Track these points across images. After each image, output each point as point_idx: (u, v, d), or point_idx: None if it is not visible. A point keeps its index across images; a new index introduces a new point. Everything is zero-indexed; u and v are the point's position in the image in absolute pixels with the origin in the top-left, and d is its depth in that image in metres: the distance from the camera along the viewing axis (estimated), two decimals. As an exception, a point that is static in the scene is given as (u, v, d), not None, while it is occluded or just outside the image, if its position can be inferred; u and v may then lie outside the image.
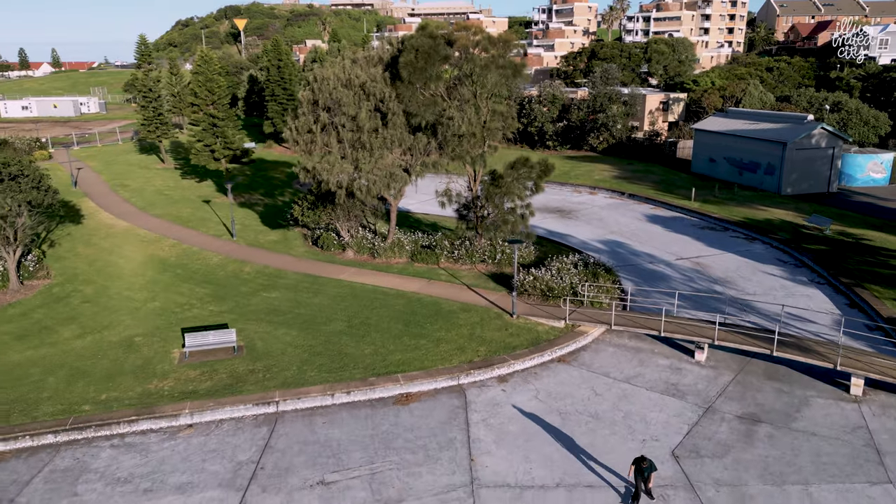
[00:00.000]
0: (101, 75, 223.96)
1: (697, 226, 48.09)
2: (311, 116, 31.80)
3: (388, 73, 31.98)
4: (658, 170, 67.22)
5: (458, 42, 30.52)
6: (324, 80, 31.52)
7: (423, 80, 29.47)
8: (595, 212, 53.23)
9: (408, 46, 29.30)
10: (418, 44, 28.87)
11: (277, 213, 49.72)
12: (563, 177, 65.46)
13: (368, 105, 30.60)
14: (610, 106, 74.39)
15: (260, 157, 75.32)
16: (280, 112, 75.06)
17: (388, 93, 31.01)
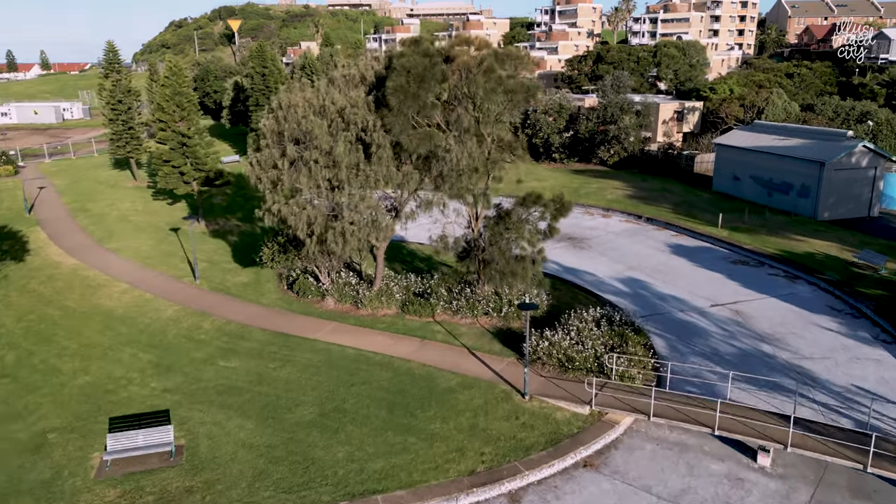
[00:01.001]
0: (91, 78, 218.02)
1: (728, 259, 42.43)
2: (275, 149, 26.14)
3: (374, 95, 26.35)
4: (675, 187, 61.55)
5: (458, 60, 24.93)
6: (290, 108, 25.86)
7: (416, 107, 23.85)
8: (610, 240, 47.57)
9: (397, 67, 23.67)
10: (410, 63, 23.27)
11: (254, 243, 43.99)
12: (573, 195, 59.78)
13: (348, 136, 24.94)
14: (622, 117, 68.72)
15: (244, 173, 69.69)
16: (265, 123, 69.26)
17: (373, 121, 25.38)
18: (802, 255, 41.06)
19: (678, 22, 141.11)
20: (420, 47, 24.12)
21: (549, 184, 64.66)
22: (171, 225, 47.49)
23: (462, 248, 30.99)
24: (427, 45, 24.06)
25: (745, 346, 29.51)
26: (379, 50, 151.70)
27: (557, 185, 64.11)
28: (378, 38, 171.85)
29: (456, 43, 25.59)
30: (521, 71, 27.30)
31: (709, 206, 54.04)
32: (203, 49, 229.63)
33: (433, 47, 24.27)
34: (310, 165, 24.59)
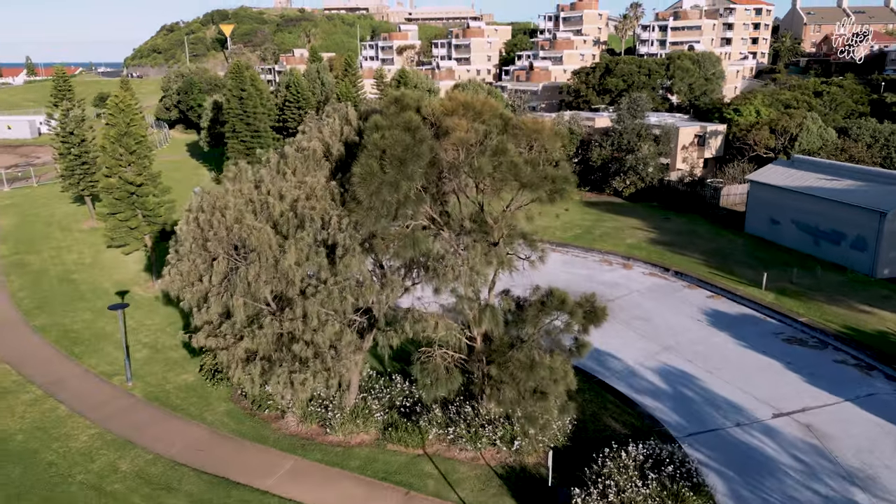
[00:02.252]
0: (79, 85, 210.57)
1: (780, 334, 35.43)
2: (199, 259, 19.09)
3: (342, 176, 19.31)
4: (702, 227, 54.53)
5: (455, 135, 17.90)
6: (216, 211, 18.79)
7: (395, 200, 16.82)
8: (636, 302, 40.55)
9: (368, 145, 16.64)
10: (386, 142, 16.29)
11: (215, 310, 36.98)
12: (587, 236, 52.84)
13: (303, 237, 17.92)
14: (639, 144, 61.71)
15: (218, 205, 62.58)
16: (243, 152, 62.33)
17: (337, 216, 18.39)
18: (873, 335, 34.04)
19: (689, 30, 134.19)
20: (400, 117, 17.08)
21: (557, 220, 57.69)
22: (121, 286, 40.45)
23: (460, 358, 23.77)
24: (410, 116, 16.97)
25: (831, 492, 22.49)
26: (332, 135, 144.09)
27: (567, 222, 57.17)
28: (374, 46, 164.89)
29: (450, 108, 18.55)
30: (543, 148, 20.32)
31: (745, 255, 47.03)
32: (195, 54, 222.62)
33: (417, 117, 17.16)
34: (248, 281, 17.58)
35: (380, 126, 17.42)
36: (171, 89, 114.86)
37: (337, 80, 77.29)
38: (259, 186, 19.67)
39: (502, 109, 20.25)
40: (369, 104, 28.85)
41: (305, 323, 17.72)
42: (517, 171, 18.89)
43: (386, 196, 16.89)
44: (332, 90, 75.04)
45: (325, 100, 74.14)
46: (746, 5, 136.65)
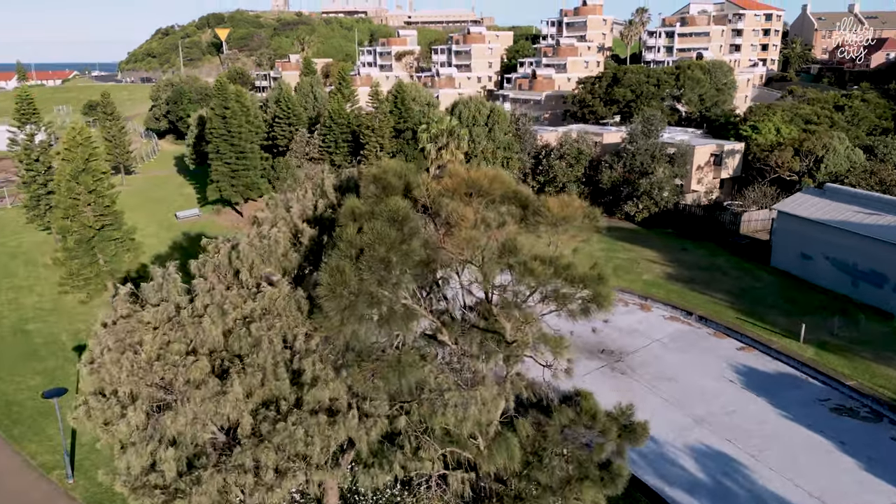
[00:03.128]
0: (71, 90, 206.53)
1: (826, 401, 31.14)
2: (114, 400, 14.53)
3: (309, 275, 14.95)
4: (724, 259, 50.17)
5: (460, 234, 13.41)
6: (127, 350, 14.12)
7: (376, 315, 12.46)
8: (657, 355, 36.26)
9: (341, 243, 12.21)
10: (364, 240, 11.92)
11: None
12: (599, 272, 48.46)
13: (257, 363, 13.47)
14: (654, 167, 57.36)
15: (201, 231, 58.34)
16: (228, 175, 58.02)
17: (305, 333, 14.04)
18: (935, 406, 29.73)
19: (697, 36, 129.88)
20: (384, 204, 12.64)
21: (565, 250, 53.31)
22: (81, 338, 36.11)
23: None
24: (396, 203, 12.49)
25: None
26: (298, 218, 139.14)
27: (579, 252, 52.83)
28: (373, 51, 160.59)
29: (449, 186, 14.05)
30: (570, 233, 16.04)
31: (775, 296, 42.68)
32: (190, 59, 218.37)
33: (405, 205, 12.65)
34: (176, 430, 13.18)
35: (357, 213, 13.08)
36: (160, 98, 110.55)
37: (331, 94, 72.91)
38: (194, 300, 15.31)
39: (515, 186, 15.88)
40: (365, 113, 24.57)
41: (258, 476, 13.41)
42: (536, 274, 14.57)
43: (364, 308, 12.57)
44: (326, 105, 70.69)
45: (318, 115, 69.79)
46: (756, 11, 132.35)
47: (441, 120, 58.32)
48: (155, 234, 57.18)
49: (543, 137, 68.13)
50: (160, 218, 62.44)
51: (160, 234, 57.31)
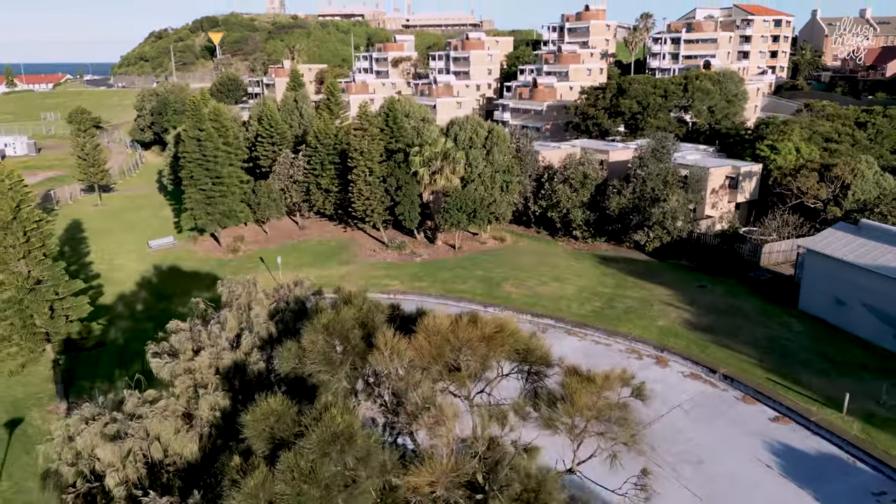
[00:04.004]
0: (60, 95, 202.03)
1: (883, 496, 26.48)
2: None
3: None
4: (746, 300, 45.49)
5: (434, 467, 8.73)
6: None
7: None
8: (678, 428, 31.62)
9: (245, 492, 7.53)
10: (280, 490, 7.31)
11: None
12: (608, 312, 43.82)
13: None
14: (666, 194, 52.70)
15: (174, 264, 53.71)
16: (203, 202, 53.33)
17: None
18: None
19: (704, 43, 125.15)
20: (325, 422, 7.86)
21: (571, 286, 48.78)
22: (15, 408, 31.44)
23: None
24: (342, 420, 7.86)
25: None
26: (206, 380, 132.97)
27: (583, 288, 48.23)
28: (368, 57, 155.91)
29: (425, 350, 9.48)
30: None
31: (808, 350, 38.01)
32: (183, 63, 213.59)
33: (352, 424, 8.16)
34: None
35: (274, 431, 8.31)
36: (144, 109, 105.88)
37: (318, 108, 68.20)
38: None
39: (526, 340, 11.22)
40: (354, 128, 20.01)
41: None
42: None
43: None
44: (312, 122, 66.03)
45: (304, 133, 65.10)
46: (765, 17, 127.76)
47: (435, 142, 53.69)
48: (122, 267, 52.50)
49: (546, 158, 63.47)
50: (132, 246, 57.79)
51: (129, 266, 52.63)
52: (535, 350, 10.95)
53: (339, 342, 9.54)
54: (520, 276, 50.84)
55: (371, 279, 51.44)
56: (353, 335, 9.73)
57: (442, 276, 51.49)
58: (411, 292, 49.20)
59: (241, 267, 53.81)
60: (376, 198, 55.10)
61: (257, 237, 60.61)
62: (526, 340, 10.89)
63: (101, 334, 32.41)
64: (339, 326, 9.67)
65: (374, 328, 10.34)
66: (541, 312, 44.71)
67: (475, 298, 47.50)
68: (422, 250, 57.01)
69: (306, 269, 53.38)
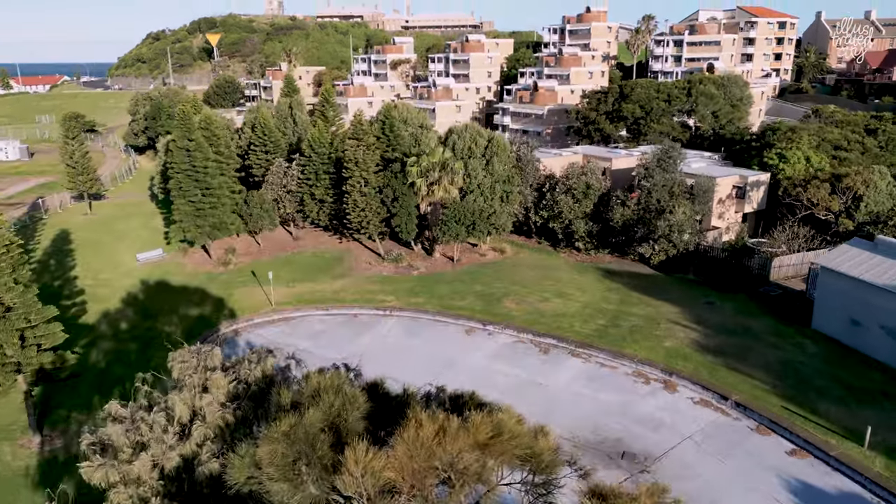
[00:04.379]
0: (56, 98, 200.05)
1: (910, 544, 24.66)
2: None
3: None
4: (756, 318, 43.57)
5: None
6: None
7: None
8: (690, 462, 29.78)
9: None
10: None
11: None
12: (613, 332, 41.96)
13: None
14: (672, 205, 50.83)
15: (162, 278, 51.88)
16: (192, 214, 51.48)
17: None
18: None
19: (707, 45, 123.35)
20: None
21: (574, 302, 46.92)
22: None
23: None
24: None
25: None
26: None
27: (587, 305, 46.37)
28: (367, 59, 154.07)
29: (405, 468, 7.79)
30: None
31: (824, 375, 36.13)
32: (180, 65, 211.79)
33: None
34: None
35: None
36: (138, 113, 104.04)
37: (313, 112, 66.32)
38: None
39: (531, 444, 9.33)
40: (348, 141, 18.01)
41: None
42: None
43: None
44: (307, 129, 64.14)
45: (299, 140, 63.22)
46: (769, 18, 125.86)
47: (433, 152, 51.84)
48: (108, 282, 50.63)
49: (547, 167, 61.60)
50: (119, 259, 55.95)
51: (114, 282, 50.76)
52: (542, 454, 9.04)
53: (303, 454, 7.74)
54: (520, 292, 48.99)
55: (366, 294, 49.60)
56: (321, 444, 7.93)
57: (440, 291, 49.63)
58: (407, 309, 47.35)
59: (231, 281, 51.96)
60: (372, 209, 53.25)
61: (249, 249, 58.74)
62: (529, 442, 8.97)
63: (76, 363, 30.56)
64: (303, 433, 7.88)
65: (348, 431, 8.51)
66: (543, 331, 42.87)
67: (474, 316, 45.64)
68: (419, 263, 55.15)
69: (299, 283, 51.55)
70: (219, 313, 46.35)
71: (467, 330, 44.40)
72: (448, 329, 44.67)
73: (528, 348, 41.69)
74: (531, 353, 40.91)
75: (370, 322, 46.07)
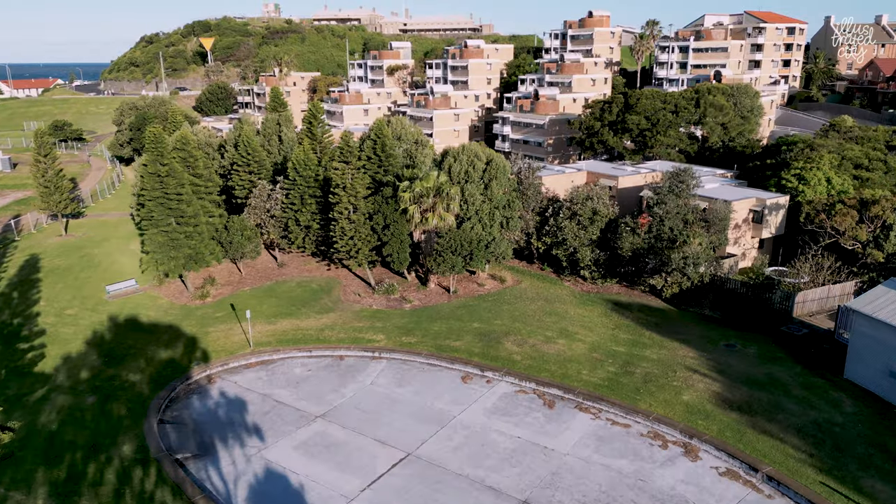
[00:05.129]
0: (46, 103, 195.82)
1: None
2: None
3: None
4: (783, 367, 39.47)
5: None
6: None
7: None
8: (719, 556, 25.68)
9: None
10: None
11: None
12: (625, 381, 37.89)
13: None
14: (686, 235, 46.77)
15: (133, 314, 47.87)
16: (166, 244, 47.40)
17: None
18: None
19: (714, 52, 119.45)
20: None
21: (581, 343, 42.87)
22: None
23: None
24: None
25: None
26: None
27: (595, 346, 42.31)
28: (363, 65, 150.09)
29: None
30: None
31: (865, 440, 32.06)
32: (174, 69, 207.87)
33: None
34: None
35: None
36: (123, 123, 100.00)
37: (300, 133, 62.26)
38: None
39: None
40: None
41: None
42: None
43: None
44: (294, 147, 60.10)
45: (284, 161, 59.16)
46: (778, 24, 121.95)
47: (427, 176, 47.80)
48: (73, 320, 46.52)
49: (550, 189, 57.59)
50: (89, 290, 51.86)
51: (80, 319, 46.66)
52: None
53: None
54: (522, 331, 44.93)
55: (353, 332, 45.53)
56: None
57: (434, 329, 45.57)
58: (398, 350, 43.28)
59: (208, 316, 47.89)
60: (361, 237, 49.20)
61: (230, 277, 54.68)
62: None
63: (11, 442, 26.63)
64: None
65: None
66: (547, 380, 38.81)
67: (471, 359, 41.58)
68: (412, 295, 51.10)
69: (282, 318, 47.49)
70: (192, 355, 42.30)
71: (464, 376, 40.33)
72: (442, 375, 40.60)
73: (531, 400, 37.63)
74: (535, 407, 36.85)
75: (357, 365, 42.03)
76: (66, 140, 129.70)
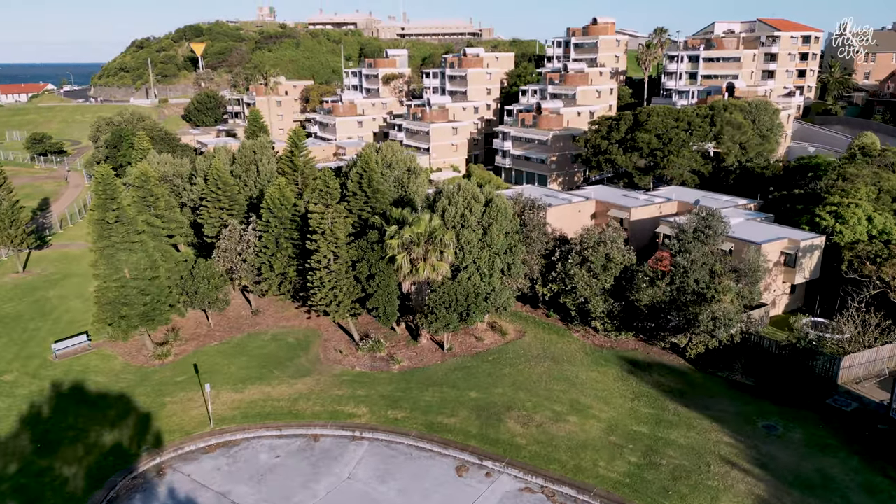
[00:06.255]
0: (30, 111, 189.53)
1: None
2: None
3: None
4: (836, 457, 33.41)
5: None
6: None
7: None
8: None
9: None
10: None
11: None
12: (649, 478, 31.81)
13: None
14: (716, 290, 40.61)
15: (80, 379, 41.78)
16: (118, 301, 41.17)
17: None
18: None
19: (726, 62, 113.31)
20: None
21: (596, 421, 36.76)
22: None
23: None
24: None
25: None
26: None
27: (612, 425, 36.24)
28: (358, 73, 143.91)
29: None
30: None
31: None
32: (164, 75, 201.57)
33: None
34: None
35: None
36: (99, 140, 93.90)
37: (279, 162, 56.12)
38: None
39: None
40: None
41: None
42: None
43: None
44: (272, 178, 53.96)
45: (261, 195, 53.02)
46: (793, 32, 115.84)
47: (417, 221, 41.72)
48: (9, 389, 40.36)
49: (557, 228, 51.51)
50: (34, 347, 45.80)
51: (18, 388, 40.53)
52: None
53: None
54: (526, 403, 38.84)
55: (332, 403, 39.42)
56: None
57: (425, 400, 39.49)
58: (382, 429, 37.19)
59: (166, 381, 41.77)
60: (342, 289, 43.13)
61: (197, 329, 48.59)
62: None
63: None
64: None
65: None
66: (558, 475, 32.74)
67: (468, 444, 35.49)
68: (401, 352, 44.99)
69: (250, 385, 41.37)
70: (141, 437, 36.22)
71: (458, 467, 34.25)
72: (433, 465, 34.50)
73: (539, 502, 31.55)
74: (542, 515, 30.81)
75: (333, 450, 35.91)
76: (46, 153, 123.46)
